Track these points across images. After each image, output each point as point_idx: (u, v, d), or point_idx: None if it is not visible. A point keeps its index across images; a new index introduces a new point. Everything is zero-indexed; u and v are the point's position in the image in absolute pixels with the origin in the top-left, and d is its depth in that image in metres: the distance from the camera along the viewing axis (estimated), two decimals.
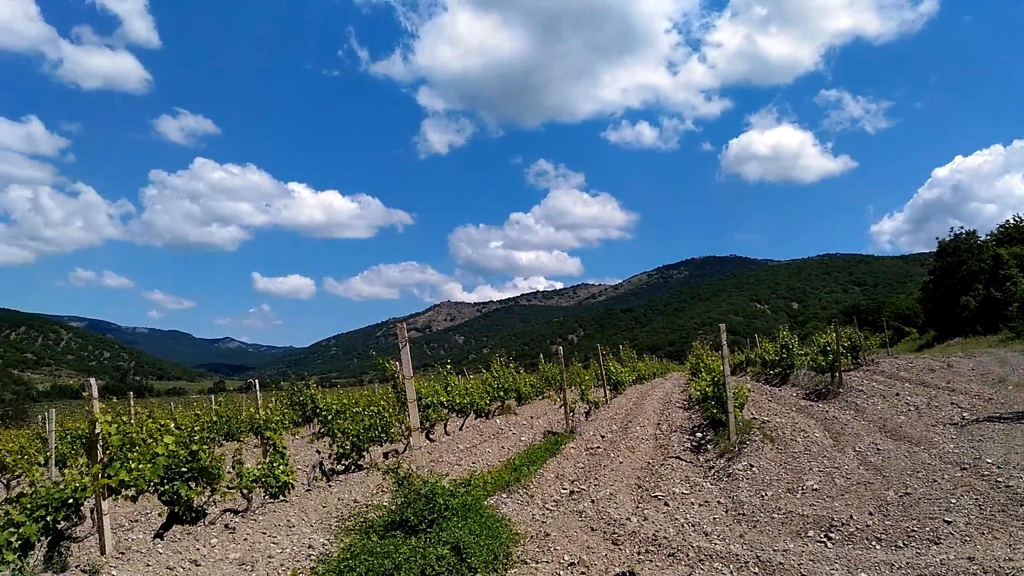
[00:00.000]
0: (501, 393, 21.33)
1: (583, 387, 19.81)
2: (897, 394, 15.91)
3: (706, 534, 7.01)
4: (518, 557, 6.31)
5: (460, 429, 17.94)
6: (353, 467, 11.96)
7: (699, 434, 13.67)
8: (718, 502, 8.43)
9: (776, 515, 7.48)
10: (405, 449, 13.74)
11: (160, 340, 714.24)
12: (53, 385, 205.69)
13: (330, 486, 10.61)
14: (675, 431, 14.71)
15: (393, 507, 6.58)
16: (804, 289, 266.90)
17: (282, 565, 6.45)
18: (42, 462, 15.61)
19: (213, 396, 31.61)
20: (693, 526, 7.36)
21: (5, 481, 16.38)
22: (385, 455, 13.23)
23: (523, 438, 15.09)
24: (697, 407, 17.32)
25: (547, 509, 8.38)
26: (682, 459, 11.30)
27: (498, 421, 19.41)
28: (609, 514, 7.87)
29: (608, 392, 23.53)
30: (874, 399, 15.76)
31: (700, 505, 8.35)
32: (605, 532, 7.18)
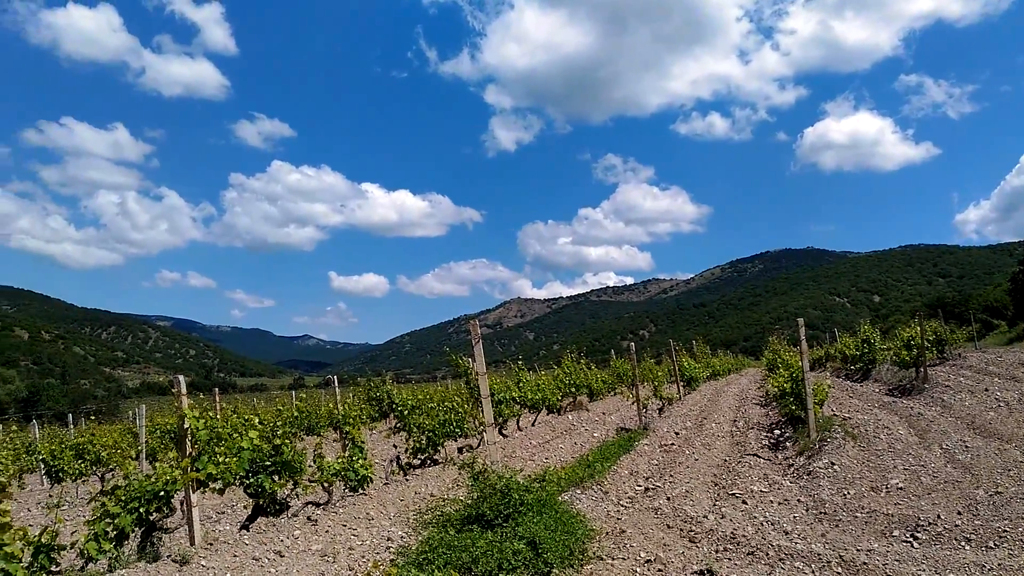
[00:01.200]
0: (573, 389, 21.31)
1: (656, 383, 19.60)
2: (986, 389, 15.20)
3: (786, 533, 6.86)
4: (594, 553, 6.30)
5: (532, 425, 17.99)
6: (429, 461, 12.14)
7: (777, 431, 13.37)
8: (798, 500, 8.24)
9: (859, 514, 7.27)
10: (479, 444, 13.87)
11: (242, 338, 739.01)
12: (142, 382, 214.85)
13: (407, 480, 10.79)
14: (752, 428, 14.43)
15: (469, 501, 6.66)
16: (885, 281, 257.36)
17: (363, 557, 6.60)
18: (134, 456, 16.35)
19: (294, 392, 32.54)
20: (772, 524, 7.21)
21: (100, 474, 17.22)
22: (459, 450, 13.39)
23: (595, 434, 15.03)
24: (775, 404, 16.93)
25: (622, 506, 8.34)
26: (760, 456, 11.08)
27: (570, 417, 19.38)
28: (685, 511, 7.78)
29: (682, 388, 23.22)
30: (961, 395, 15.10)
31: (779, 503, 8.17)
32: (682, 529, 7.11)
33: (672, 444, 12.75)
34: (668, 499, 8.48)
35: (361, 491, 9.62)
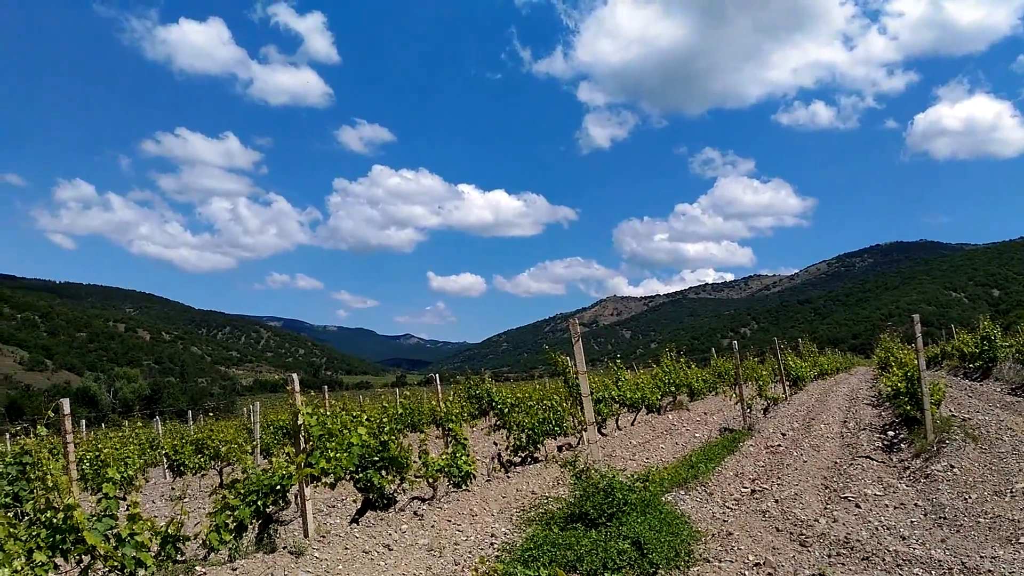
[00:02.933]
0: (672, 388, 20.99)
1: (760, 382, 19.08)
2: None
3: (903, 538, 6.56)
4: (700, 555, 6.20)
5: (632, 424, 17.84)
6: (529, 459, 12.23)
7: (891, 432, 12.79)
8: (915, 505, 7.85)
9: (982, 520, 6.87)
10: (578, 443, 13.86)
11: (347, 337, 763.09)
12: (255, 380, 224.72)
13: (508, 477, 10.91)
14: (864, 429, 13.84)
15: (572, 500, 6.68)
16: (1006, 275, 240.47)
17: (469, 552, 6.72)
18: (249, 451, 17.15)
19: (397, 390, 33.35)
20: (888, 529, 6.90)
21: (219, 468, 18.14)
22: (559, 448, 13.43)
23: (697, 434, 14.78)
24: (888, 404, 16.20)
25: (728, 508, 8.17)
26: (873, 459, 10.62)
27: (670, 417, 19.11)
28: (795, 514, 7.55)
29: (787, 388, 22.52)
30: None
31: (895, 507, 7.81)
32: (791, 533, 6.90)
33: (779, 445, 12.39)
34: (776, 501, 8.25)
35: (464, 487, 9.78)
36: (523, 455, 12.19)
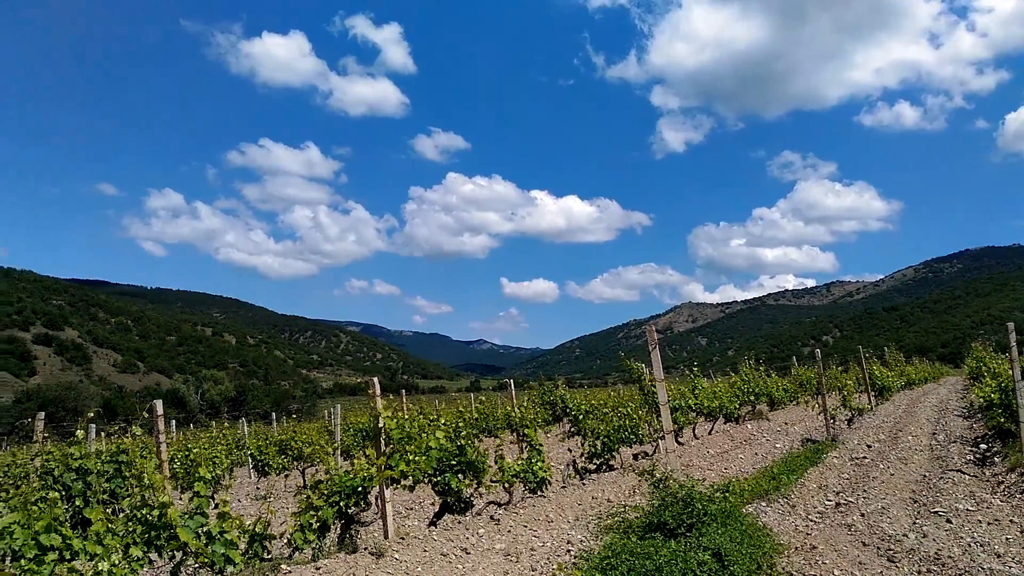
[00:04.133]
0: (751, 397, 20.54)
1: (844, 392, 18.50)
2: None
3: (998, 555, 6.29)
4: (783, 568, 6.08)
5: (709, 433, 17.55)
6: (604, 467, 12.17)
7: (983, 445, 12.23)
8: (1011, 521, 7.50)
9: None
10: (654, 451, 13.73)
11: (423, 342, 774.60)
12: (334, 383, 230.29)
13: (583, 484, 10.89)
14: (954, 442, 13.28)
15: (650, 509, 6.63)
16: None
17: (545, 558, 6.75)
18: (330, 452, 17.59)
19: (472, 395, 33.65)
20: (982, 546, 6.62)
21: (301, 469, 18.67)
22: (635, 456, 13.32)
23: (778, 445, 14.44)
24: (979, 415, 15.50)
25: (811, 520, 7.97)
26: (964, 472, 10.18)
27: (749, 426, 18.71)
28: (882, 528, 7.32)
29: (872, 398, 21.74)
30: None
31: (989, 523, 7.48)
32: (879, 548, 6.69)
33: (864, 457, 12.00)
34: (862, 515, 8.00)
35: (540, 493, 9.82)
36: (598, 462, 12.14)
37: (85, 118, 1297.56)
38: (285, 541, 6.89)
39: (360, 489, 7.32)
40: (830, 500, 8.92)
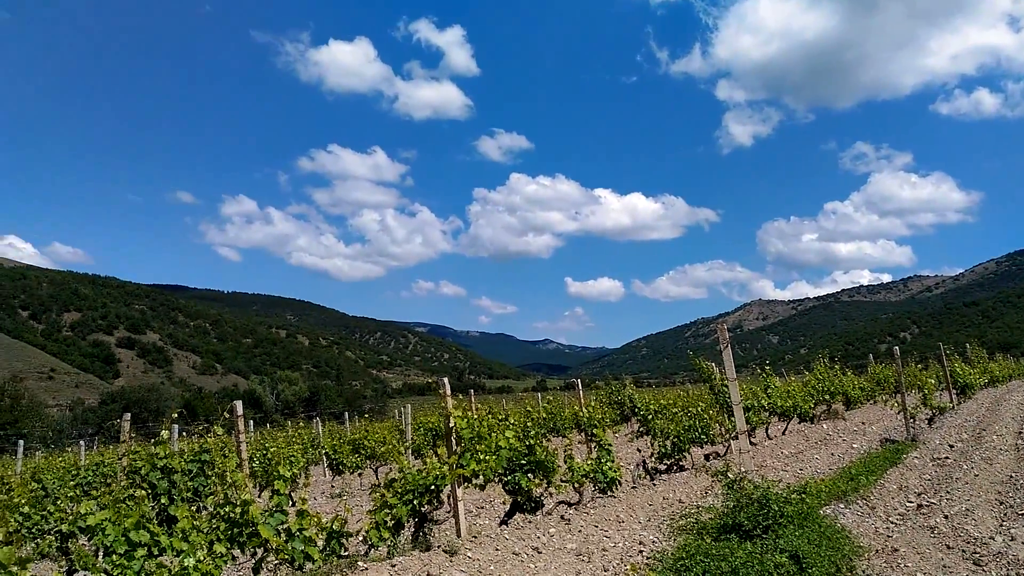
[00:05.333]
0: (827, 396, 20.01)
1: (925, 390, 17.85)
2: None
3: None
4: (863, 572, 5.92)
5: (783, 433, 17.18)
6: (675, 467, 12.05)
7: None
8: None
9: None
10: (726, 452, 13.51)
11: (489, 342, 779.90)
12: (403, 383, 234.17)
13: (654, 484, 10.80)
14: None
15: (725, 510, 6.54)
16: None
17: (620, 559, 6.72)
18: (401, 451, 17.89)
19: (539, 394, 33.69)
20: None
21: (375, 467, 19.04)
22: (706, 457, 13.14)
23: (855, 445, 14.03)
24: None
25: (891, 523, 7.73)
26: None
27: (824, 426, 18.22)
28: (967, 531, 7.04)
29: (954, 396, 20.92)
30: None
31: None
32: (963, 551, 6.45)
33: (946, 458, 11.56)
34: (945, 517, 7.72)
35: (610, 493, 9.79)
36: (668, 463, 12.03)
37: (164, 130, 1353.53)
38: (361, 538, 7.02)
39: (433, 487, 7.41)
40: (911, 502, 8.63)
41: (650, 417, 13.09)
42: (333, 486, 18.76)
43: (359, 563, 6.33)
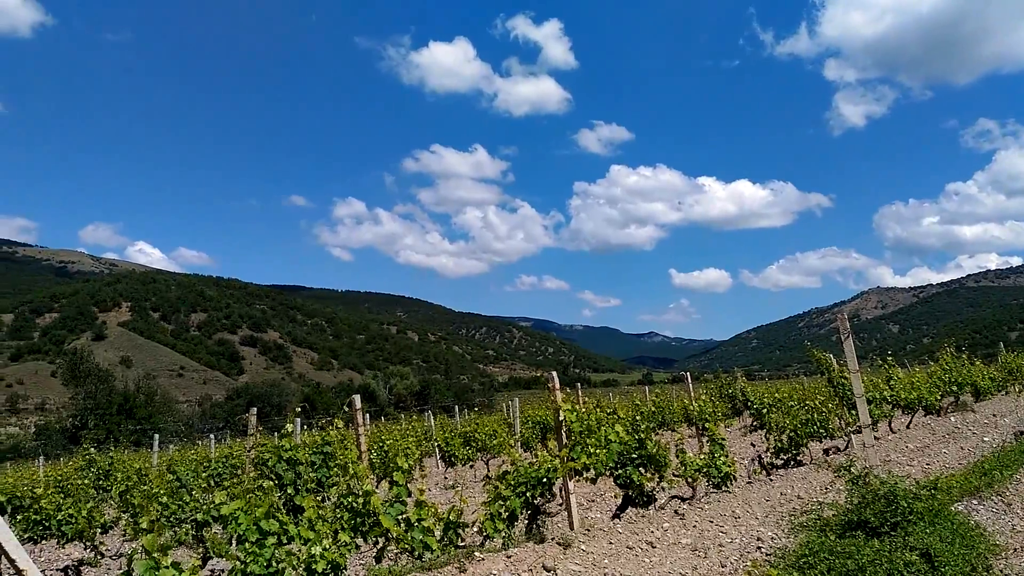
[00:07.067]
0: (954, 388, 18.89)
1: None
2: None
3: None
4: (1000, 571, 5.61)
5: (907, 427, 16.35)
6: (792, 462, 11.71)
7: None
8: None
9: None
10: (846, 446, 13.00)
11: (593, 336, 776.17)
12: (509, 377, 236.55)
13: (770, 479, 10.54)
14: None
15: (849, 507, 6.31)
16: None
17: (737, 555, 6.61)
18: (511, 444, 18.12)
19: (647, 388, 33.35)
20: None
21: (485, 460, 19.38)
22: (825, 452, 12.69)
23: (986, 439, 13.21)
24: None
25: None
26: None
27: (952, 419, 17.22)
28: None
29: None
30: None
31: None
32: None
33: None
34: None
35: (725, 488, 9.61)
36: (785, 457, 11.69)
37: (278, 138, 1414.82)
38: (476, 529, 7.18)
39: (545, 480, 7.50)
40: None
41: (764, 411, 12.72)
42: (446, 477, 19.20)
43: (475, 553, 6.47)
